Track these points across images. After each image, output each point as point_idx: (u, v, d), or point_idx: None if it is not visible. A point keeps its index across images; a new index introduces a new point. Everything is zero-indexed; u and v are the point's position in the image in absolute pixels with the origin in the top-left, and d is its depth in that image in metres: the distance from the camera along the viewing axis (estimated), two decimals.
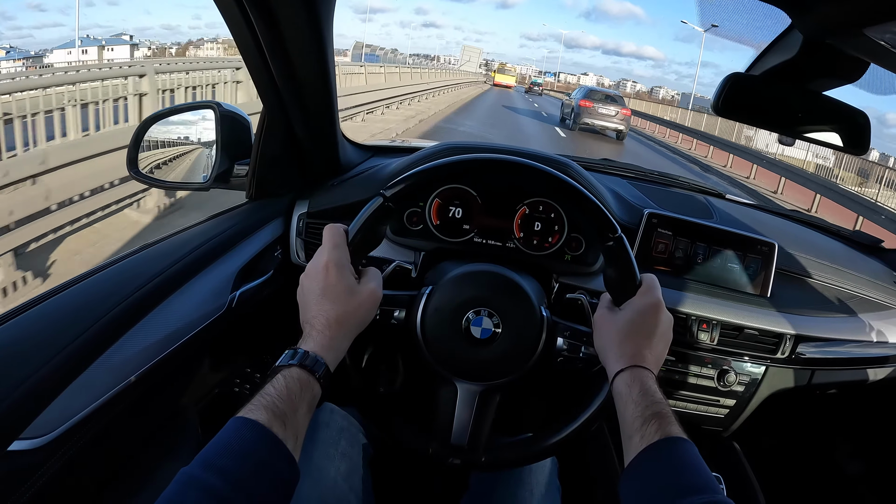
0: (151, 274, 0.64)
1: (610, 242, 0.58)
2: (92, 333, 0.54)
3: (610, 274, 0.60)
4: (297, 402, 0.45)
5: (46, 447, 0.49)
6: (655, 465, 0.45)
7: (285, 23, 0.66)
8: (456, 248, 0.84)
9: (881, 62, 0.63)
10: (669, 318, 0.58)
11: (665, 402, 0.49)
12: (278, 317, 0.84)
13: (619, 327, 0.56)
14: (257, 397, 0.44)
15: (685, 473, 0.43)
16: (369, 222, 0.57)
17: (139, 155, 0.85)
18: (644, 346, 0.54)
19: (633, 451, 0.47)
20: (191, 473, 0.38)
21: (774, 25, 0.66)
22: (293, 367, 0.47)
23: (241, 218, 0.82)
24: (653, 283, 0.59)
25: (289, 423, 0.43)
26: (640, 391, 0.50)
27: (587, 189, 0.61)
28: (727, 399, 0.91)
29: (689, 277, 0.90)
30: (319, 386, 0.48)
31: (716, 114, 0.70)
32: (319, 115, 0.82)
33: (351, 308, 0.52)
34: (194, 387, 0.75)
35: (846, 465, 1.13)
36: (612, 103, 12.35)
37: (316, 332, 0.51)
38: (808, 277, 0.97)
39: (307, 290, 0.54)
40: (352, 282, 0.54)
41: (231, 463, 0.39)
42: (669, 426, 0.47)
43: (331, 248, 0.54)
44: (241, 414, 0.42)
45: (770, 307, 0.89)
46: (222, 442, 0.40)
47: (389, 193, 0.57)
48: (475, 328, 0.60)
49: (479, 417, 0.62)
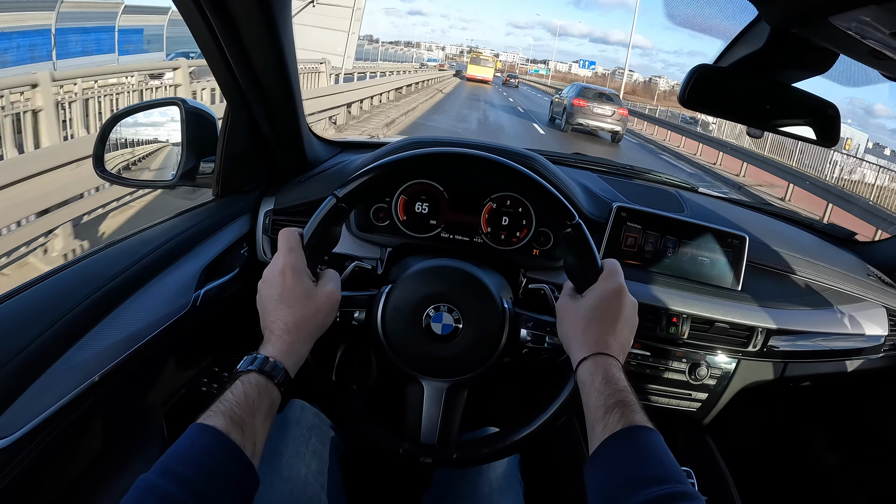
0: (115, 272, 0.64)
1: (568, 230, 0.57)
2: (54, 332, 0.54)
3: (570, 261, 0.59)
4: (256, 407, 0.45)
5: (8, 448, 0.48)
6: (617, 454, 0.44)
7: (240, 18, 0.65)
8: (423, 244, 0.84)
9: (848, 52, 0.62)
10: (634, 302, 0.57)
11: (629, 390, 0.49)
12: (245, 314, 0.84)
13: (582, 314, 0.55)
14: (216, 403, 0.44)
15: (648, 463, 0.43)
16: (323, 224, 0.56)
17: (105, 154, 0.84)
18: (608, 333, 0.53)
19: (597, 441, 0.46)
20: (149, 480, 0.38)
21: (741, 16, 0.65)
22: (251, 373, 0.47)
23: (207, 215, 0.81)
24: (615, 268, 0.58)
25: (247, 429, 0.43)
26: (604, 379, 0.49)
27: (552, 182, 0.60)
28: (699, 392, 0.92)
29: (658, 271, 0.90)
30: (279, 391, 0.48)
31: (682, 105, 0.69)
32: (283, 111, 0.81)
33: (309, 312, 0.52)
34: (160, 386, 0.75)
35: (820, 457, 1.14)
36: (608, 102, 11.49)
37: (275, 337, 0.51)
38: (780, 270, 0.97)
39: (265, 296, 0.53)
40: (309, 285, 0.53)
41: (189, 470, 0.39)
42: (633, 414, 0.46)
43: (286, 252, 0.54)
44: (199, 420, 0.42)
45: (741, 300, 0.89)
46: (181, 448, 0.41)
47: (342, 193, 0.57)
48: (435, 324, 0.60)
49: (448, 414, 0.62)
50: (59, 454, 0.55)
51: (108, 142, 0.84)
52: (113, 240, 0.72)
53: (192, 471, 0.39)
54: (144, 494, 0.37)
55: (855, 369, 0.96)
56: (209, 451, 0.40)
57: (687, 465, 0.90)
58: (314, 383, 0.60)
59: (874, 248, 1.13)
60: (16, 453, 0.49)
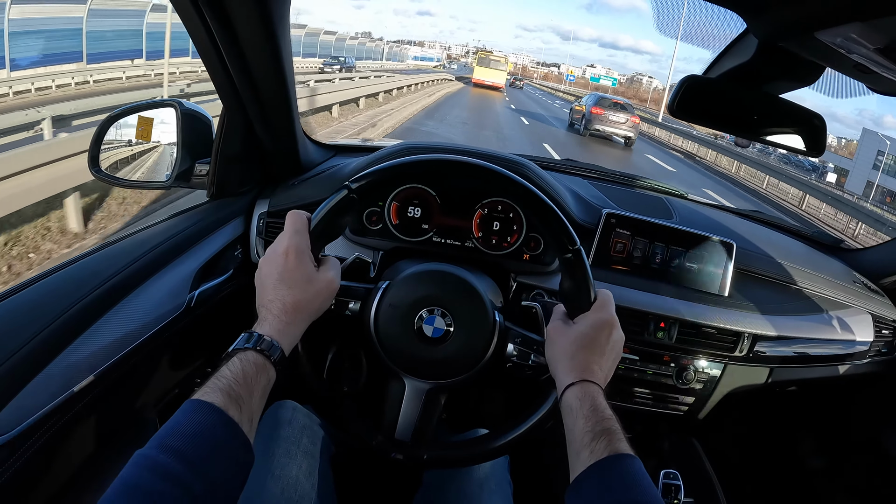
0: (110, 273, 0.64)
1: (568, 255, 0.58)
2: (49, 332, 0.54)
3: (566, 286, 0.60)
4: (253, 385, 0.45)
5: (4, 447, 0.49)
6: (603, 481, 0.45)
7: (239, 21, 0.65)
8: (414, 248, 0.84)
9: (834, 65, 0.63)
10: (622, 336, 0.58)
11: (614, 419, 0.50)
12: (238, 316, 0.84)
13: (572, 340, 0.56)
14: (212, 380, 0.44)
15: (633, 489, 0.44)
16: (332, 212, 0.57)
17: (101, 154, 0.85)
18: (594, 362, 0.54)
19: (581, 466, 0.47)
20: (146, 455, 0.38)
21: (730, 29, 0.66)
22: (249, 351, 0.47)
23: (201, 217, 0.82)
24: (608, 299, 0.59)
25: (244, 406, 0.43)
26: (591, 407, 0.50)
27: (544, 190, 0.60)
28: (686, 397, 0.93)
29: (647, 277, 0.91)
30: (274, 370, 0.48)
31: (671, 115, 0.70)
32: (278, 114, 0.82)
33: (308, 295, 0.52)
34: (153, 386, 0.75)
35: (805, 460, 1.15)
36: (621, 111, 12.89)
37: (272, 316, 0.50)
38: (768, 277, 0.98)
39: (265, 274, 0.53)
40: (311, 269, 0.53)
41: (187, 445, 0.38)
42: (618, 443, 0.47)
43: (292, 233, 0.54)
44: (196, 396, 0.42)
45: (728, 306, 0.90)
46: (178, 424, 0.40)
47: (355, 186, 0.57)
48: (427, 327, 0.60)
49: (425, 415, 0.63)
50: (53, 453, 0.56)
51: (103, 142, 0.84)
52: (109, 240, 0.72)
53: (189, 446, 0.38)
54: (142, 469, 0.37)
55: (840, 374, 0.97)
56: (207, 427, 0.40)
57: (673, 468, 0.91)
58: (299, 368, 0.60)
59: (861, 256, 1.15)
60: (11, 452, 0.50)
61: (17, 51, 10.06)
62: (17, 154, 2.96)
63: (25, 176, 2.89)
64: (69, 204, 3.26)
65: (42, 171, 2.98)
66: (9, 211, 2.88)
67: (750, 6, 0.57)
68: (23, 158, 2.91)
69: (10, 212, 2.90)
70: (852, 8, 0.45)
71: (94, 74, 11.86)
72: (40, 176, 2.96)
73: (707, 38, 0.69)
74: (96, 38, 12.02)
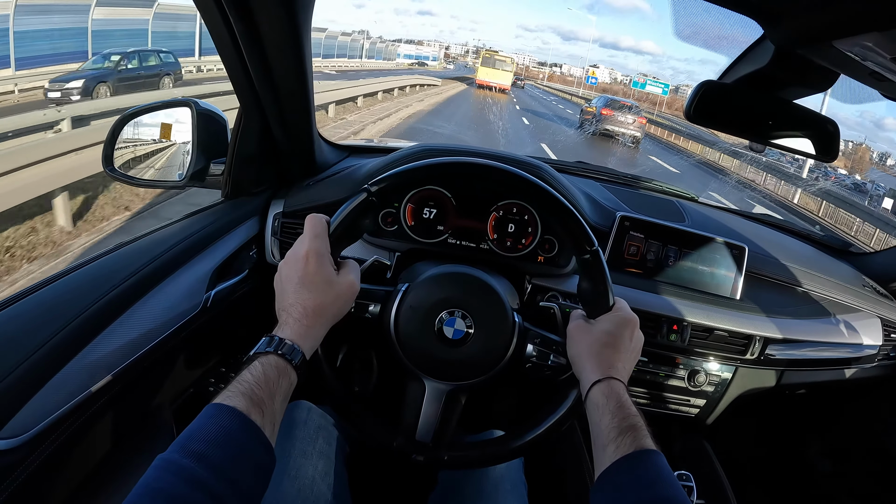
0: (127, 273, 0.64)
1: (586, 255, 0.59)
2: (67, 332, 0.54)
3: (585, 286, 0.61)
4: (275, 389, 0.45)
5: (23, 447, 0.49)
6: (630, 475, 0.46)
7: (263, 21, 0.65)
8: (430, 249, 0.85)
9: (850, 73, 0.64)
10: (642, 336, 0.60)
11: (639, 415, 0.50)
12: (253, 316, 0.84)
13: (596, 338, 0.57)
14: (234, 384, 0.43)
15: (658, 485, 0.44)
16: (352, 215, 0.57)
17: (115, 153, 0.85)
18: (618, 360, 0.55)
19: (607, 461, 0.47)
20: (170, 459, 0.37)
21: (747, 35, 0.66)
22: (270, 355, 0.47)
23: (217, 217, 0.82)
24: (625, 303, 0.61)
25: (266, 410, 0.43)
26: (617, 403, 0.51)
27: (561, 193, 0.61)
28: (697, 399, 0.93)
29: (660, 279, 0.91)
30: (296, 374, 0.48)
31: (688, 119, 0.70)
32: (296, 115, 0.82)
33: (329, 299, 0.52)
34: (169, 386, 0.76)
35: (814, 463, 1.16)
36: (629, 112, 13.92)
37: (293, 320, 0.50)
38: (778, 280, 0.98)
39: (286, 277, 0.53)
40: (330, 272, 0.53)
41: (210, 449, 0.38)
42: (644, 439, 0.48)
43: (312, 237, 0.54)
44: (218, 401, 0.42)
45: (740, 309, 0.91)
46: (201, 428, 0.40)
47: (374, 189, 0.57)
48: (448, 328, 0.61)
49: (445, 416, 0.63)
50: (70, 452, 0.56)
51: (117, 141, 0.84)
52: (126, 240, 0.72)
53: (212, 450, 0.38)
54: (166, 473, 0.37)
55: (849, 378, 0.98)
56: (230, 431, 0.40)
57: (685, 469, 0.91)
58: (320, 372, 0.60)
59: (869, 260, 1.15)
60: (30, 451, 0.50)
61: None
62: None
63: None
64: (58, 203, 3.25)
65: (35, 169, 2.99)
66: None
67: (768, 14, 0.57)
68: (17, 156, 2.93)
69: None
70: (871, 18, 0.45)
71: None
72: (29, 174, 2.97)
73: (722, 42, 0.69)
74: (103, 36, 12.04)
